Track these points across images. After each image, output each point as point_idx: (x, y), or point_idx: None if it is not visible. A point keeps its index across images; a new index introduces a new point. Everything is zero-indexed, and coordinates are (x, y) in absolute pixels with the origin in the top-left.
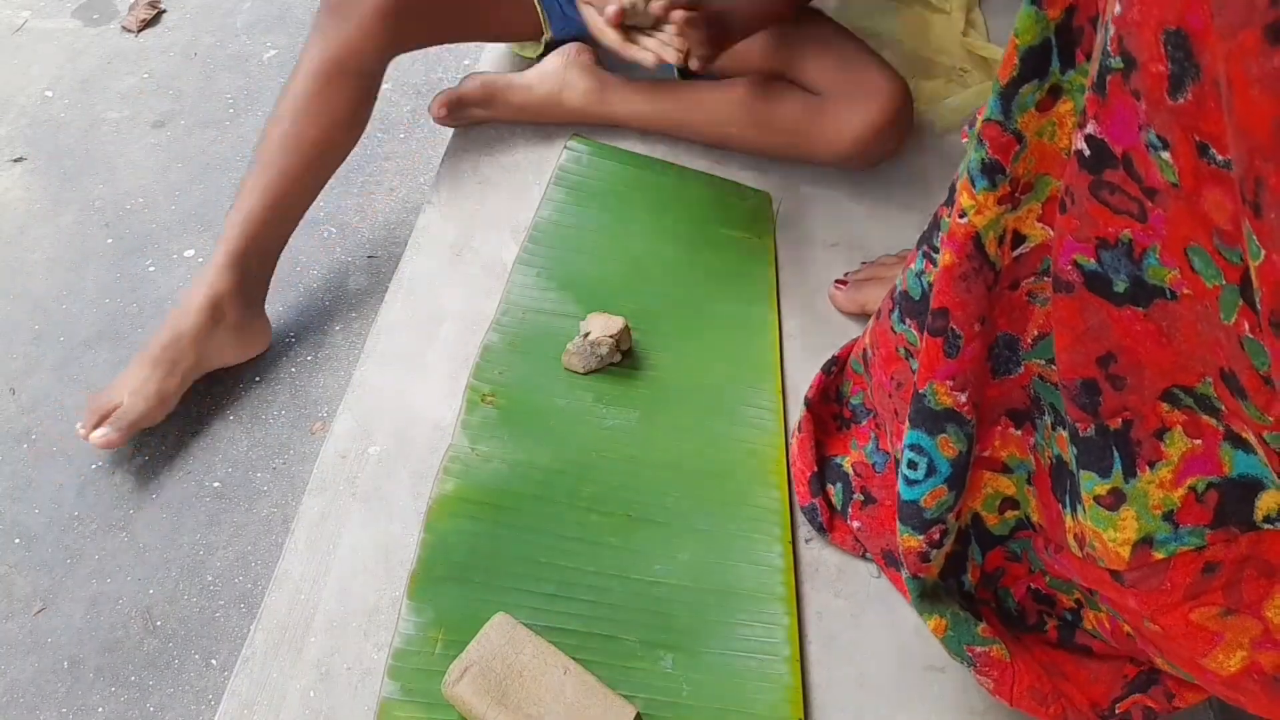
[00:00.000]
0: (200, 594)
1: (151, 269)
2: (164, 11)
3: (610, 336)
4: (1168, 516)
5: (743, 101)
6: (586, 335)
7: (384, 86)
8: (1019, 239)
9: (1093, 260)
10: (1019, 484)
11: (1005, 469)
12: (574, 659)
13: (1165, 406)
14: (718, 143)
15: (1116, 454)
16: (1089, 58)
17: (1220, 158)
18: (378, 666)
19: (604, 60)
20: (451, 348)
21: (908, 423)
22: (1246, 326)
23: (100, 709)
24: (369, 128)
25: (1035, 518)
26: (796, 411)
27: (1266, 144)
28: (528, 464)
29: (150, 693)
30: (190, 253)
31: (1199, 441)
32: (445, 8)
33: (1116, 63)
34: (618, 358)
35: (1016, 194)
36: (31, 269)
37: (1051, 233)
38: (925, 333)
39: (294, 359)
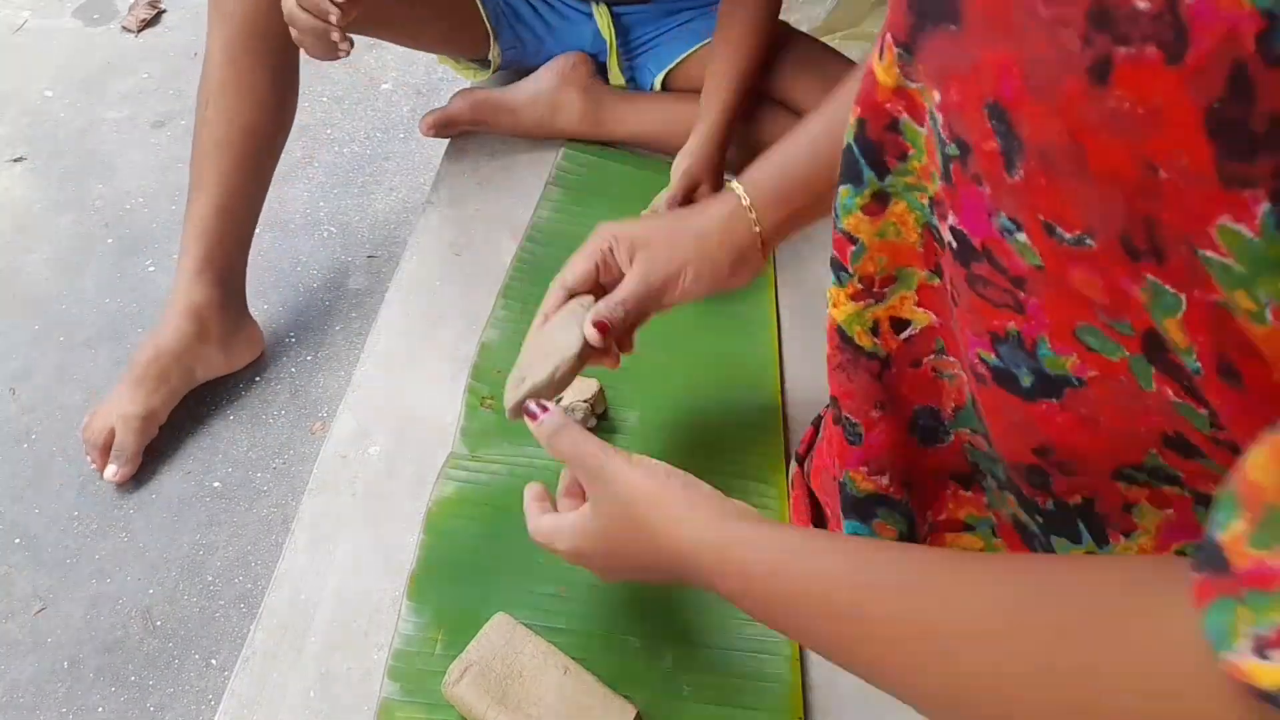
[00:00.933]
0: (200, 594)
1: (151, 269)
2: (164, 11)
3: (584, 401)
4: None
5: (741, 129)
6: (559, 401)
7: (383, 86)
8: (902, 324)
9: (993, 355)
10: (986, 539)
11: (967, 527)
12: (574, 659)
13: (1122, 485)
14: None
15: (1083, 526)
16: (902, 158)
17: (1068, 235)
18: (378, 666)
19: (600, 74)
20: (451, 347)
21: (841, 512)
22: (1169, 393)
23: (100, 709)
24: (368, 127)
25: None
26: (796, 411)
27: (1141, 180)
28: (527, 465)
29: (150, 693)
30: None
31: (1170, 510)
32: None
33: (953, 149)
34: (593, 422)
35: (875, 289)
36: (31, 269)
37: (935, 318)
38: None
39: (294, 359)
